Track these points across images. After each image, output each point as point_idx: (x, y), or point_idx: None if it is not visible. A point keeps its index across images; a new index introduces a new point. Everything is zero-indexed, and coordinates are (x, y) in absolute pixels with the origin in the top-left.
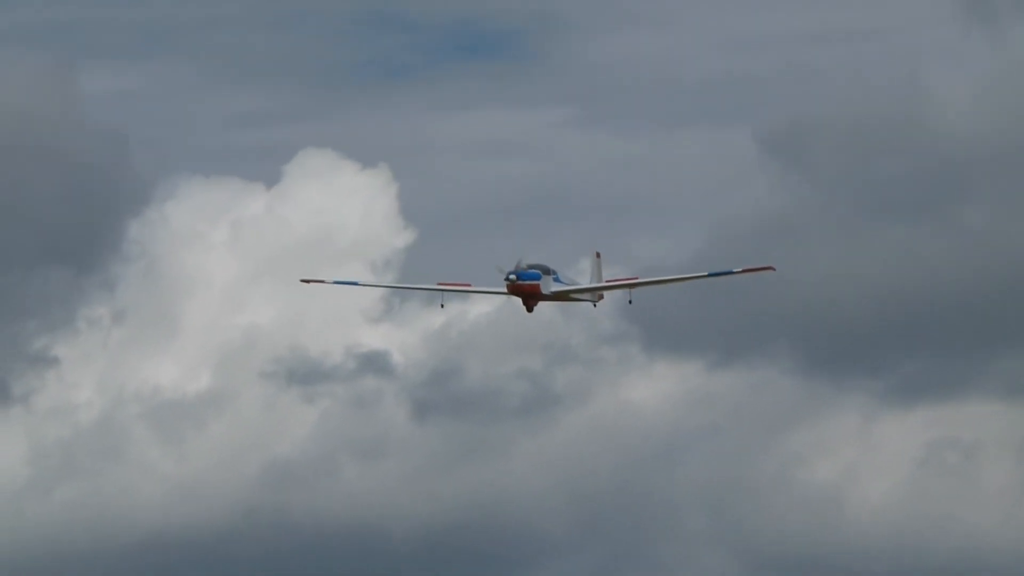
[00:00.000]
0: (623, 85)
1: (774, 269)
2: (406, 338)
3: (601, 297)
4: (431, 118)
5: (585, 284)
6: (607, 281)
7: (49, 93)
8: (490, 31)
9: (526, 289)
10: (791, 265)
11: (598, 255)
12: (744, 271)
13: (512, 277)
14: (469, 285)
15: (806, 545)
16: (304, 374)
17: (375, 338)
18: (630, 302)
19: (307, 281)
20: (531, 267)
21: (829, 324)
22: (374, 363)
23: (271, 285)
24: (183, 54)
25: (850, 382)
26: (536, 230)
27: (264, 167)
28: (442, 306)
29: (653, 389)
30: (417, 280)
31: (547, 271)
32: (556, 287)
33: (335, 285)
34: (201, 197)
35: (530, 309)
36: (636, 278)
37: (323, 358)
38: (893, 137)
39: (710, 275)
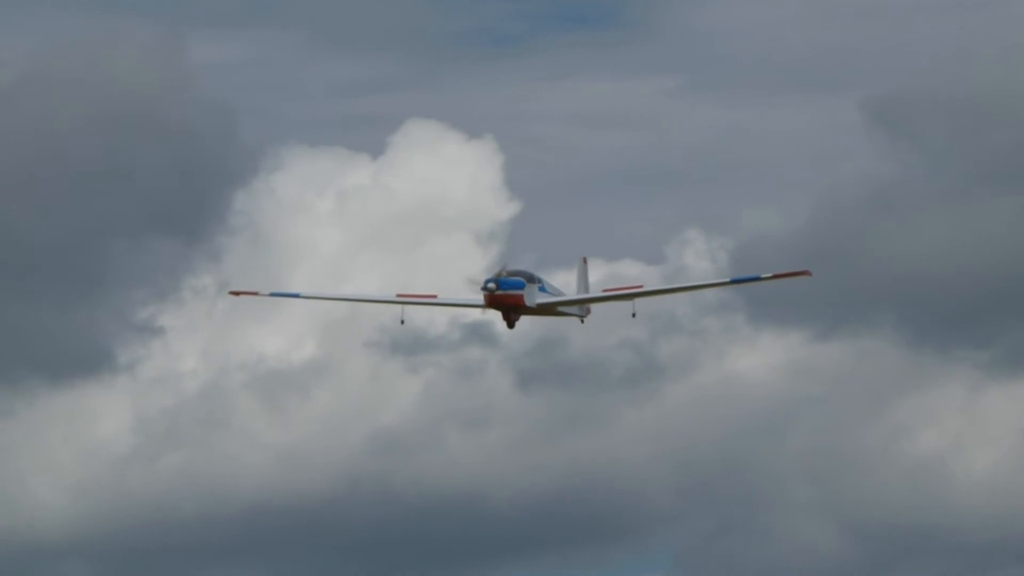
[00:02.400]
0: (729, 54)
1: (810, 274)
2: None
3: (589, 311)
4: (537, 88)
5: (573, 295)
6: (605, 291)
7: (157, 64)
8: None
9: (507, 301)
10: (896, 235)
11: (584, 261)
12: (774, 277)
13: (491, 286)
14: (435, 296)
15: (911, 516)
16: (408, 344)
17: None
18: (634, 315)
19: (237, 293)
20: (513, 274)
21: (935, 294)
22: (478, 333)
23: (376, 255)
24: (290, 24)
25: (956, 353)
26: (641, 200)
27: (370, 137)
28: (402, 323)
29: (758, 360)
30: (523, 248)
31: (531, 279)
32: (541, 298)
33: (272, 297)
34: (307, 167)
35: (511, 324)
36: (640, 286)
37: (427, 328)
38: (999, 107)
39: (733, 282)
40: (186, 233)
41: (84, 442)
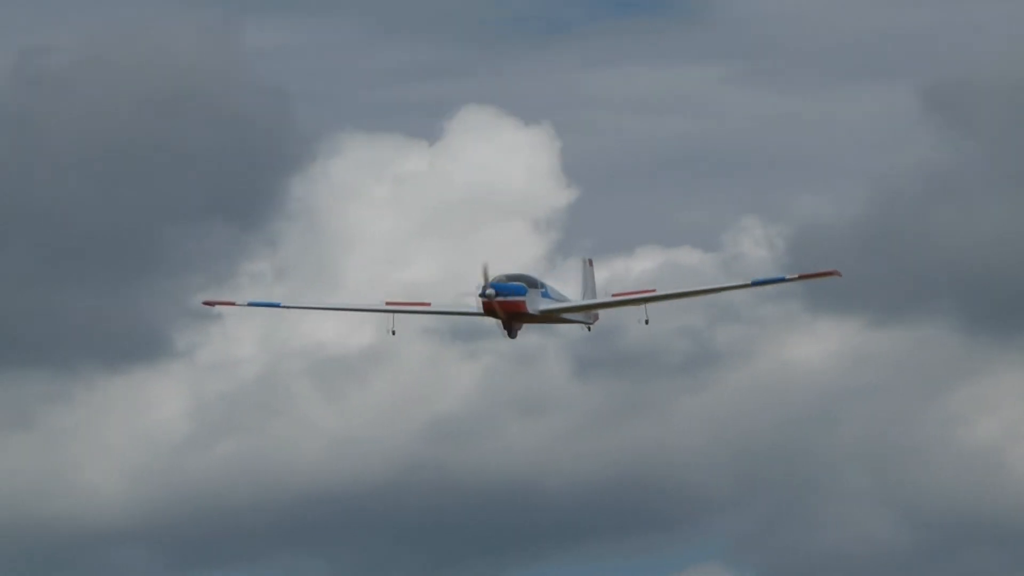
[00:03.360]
0: (784, 41)
1: (839, 274)
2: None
3: (596, 317)
4: (593, 74)
5: (579, 300)
6: (615, 296)
7: (214, 49)
8: None
9: (508, 307)
10: (954, 222)
11: (590, 262)
12: (800, 278)
13: (489, 292)
14: (428, 304)
15: (967, 504)
16: (466, 330)
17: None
18: (647, 322)
19: (211, 304)
20: (512, 278)
21: (993, 282)
22: None
23: (432, 241)
24: (347, 10)
25: (1015, 341)
26: (697, 187)
27: (426, 123)
28: (392, 333)
29: (813, 348)
30: (579, 235)
31: (533, 284)
32: (545, 304)
33: (250, 307)
34: (363, 153)
35: (512, 333)
36: (653, 290)
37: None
38: None
39: (755, 284)
40: (243, 219)
41: (140, 428)
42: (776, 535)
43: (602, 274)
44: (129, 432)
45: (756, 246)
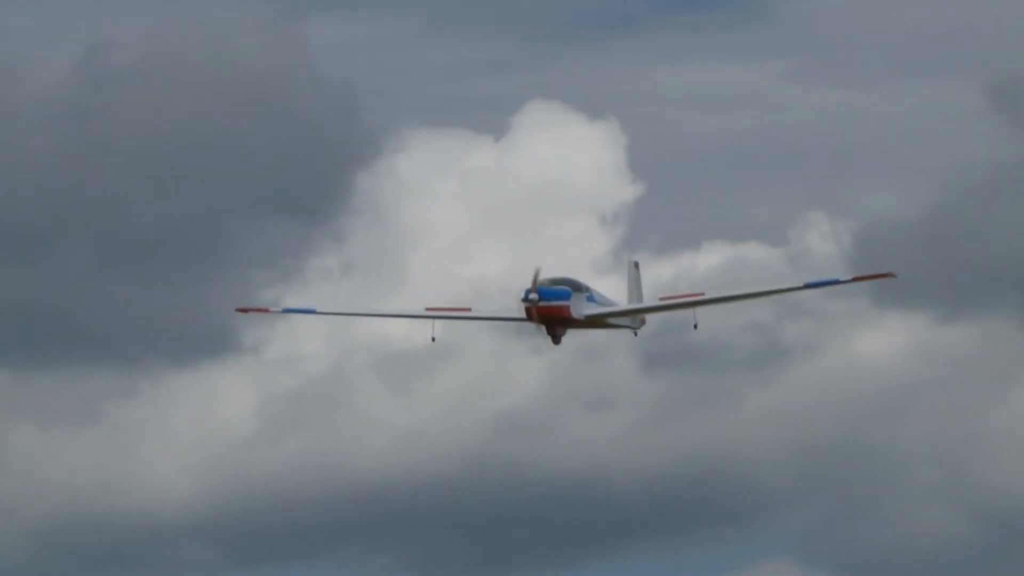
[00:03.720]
0: (849, 35)
1: (895, 276)
2: (614, 298)
3: (643, 321)
4: (659, 69)
5: (626, 304)
6: (662, 299)
7: (279, 45)
8: None
9: (551, 313)
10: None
11: (636, 265)
12: (854, 279)
13: (532, 297)
14: (469, 310)
15: None
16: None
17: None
18: (695, 326)
19: (244, 310)
20: (555, 283)
21: None
22: None
23: (498, 237)
24: (412, 5)
25: None
26: (762, 183)
27: (492, 118)
28: (433, 339)
29: (881, 342)
30: (645, 230)
31: (578, 287)
32: (590, 309)
33: (285, 314)
34: (429, 149)
35: (556, 339)
36: (701, 294)
37: None
38: None
39: (807, 286)
40: (309, 214)
41: (206, 424)
42: (844, 531)
43: (667, 270)
44: (195, 428)
45: (823, 241)
